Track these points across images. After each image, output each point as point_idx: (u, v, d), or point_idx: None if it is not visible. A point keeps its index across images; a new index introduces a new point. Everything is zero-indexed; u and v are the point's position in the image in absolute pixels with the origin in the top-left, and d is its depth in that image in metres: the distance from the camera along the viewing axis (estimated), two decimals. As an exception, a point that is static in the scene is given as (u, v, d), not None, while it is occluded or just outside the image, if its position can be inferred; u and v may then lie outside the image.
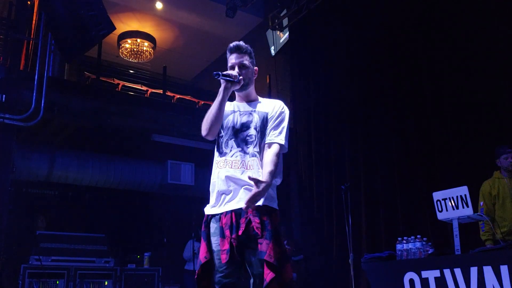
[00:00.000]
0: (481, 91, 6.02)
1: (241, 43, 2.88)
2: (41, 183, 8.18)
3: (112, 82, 10.15)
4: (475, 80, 6.12)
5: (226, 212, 2.56)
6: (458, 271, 3.87)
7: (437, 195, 4.44)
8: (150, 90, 10.25)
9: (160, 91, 10.01)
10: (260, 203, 2.51)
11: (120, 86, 10.02)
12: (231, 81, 2.69)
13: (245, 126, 2.72)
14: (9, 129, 6.61)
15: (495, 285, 3.59)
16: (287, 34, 9.72)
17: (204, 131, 2.73)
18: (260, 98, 2.91)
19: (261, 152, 2.66)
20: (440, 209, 4.39)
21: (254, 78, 2.90)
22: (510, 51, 5.79)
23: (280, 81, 10.08)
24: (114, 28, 6.76)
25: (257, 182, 2.43)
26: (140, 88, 10.42)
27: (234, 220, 2.52)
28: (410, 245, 4.46)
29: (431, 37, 6.80)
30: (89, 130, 7.81)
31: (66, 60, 8.28)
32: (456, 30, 6.44)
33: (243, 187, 2.57)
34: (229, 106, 2.85)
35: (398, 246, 4.58)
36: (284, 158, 9.67)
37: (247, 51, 2.87)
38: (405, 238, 4.56)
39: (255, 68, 2.91)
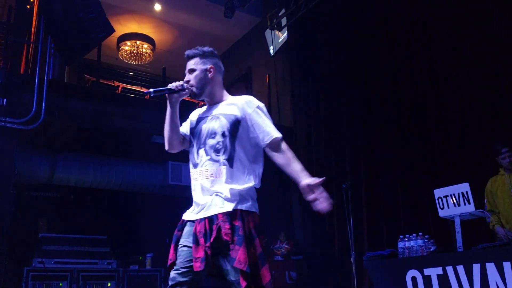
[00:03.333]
0: (482, 88, 6.03)
1: (190, 50, 2.79)
2: (42, 186, 8.19)
3: (112, 84, 10.16)
4: (476, 77, 6.13)
5: (200, 219, 2.53)
6: (460, 268, 3.88)
7: (438, 192, 4.45)
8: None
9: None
10: (230, 208, 2.48)
11: (120, 88, 10.04)
12: (173, 92, 2.64)
13: (213, 132, 2.62)
14: (10, 133, 6.61)
15: (498, 281, 3.60)
16: (285, 33, 9.71)
17: (165, 146, 2.74)
18: (227, 97, 2.78)
19: (234, 158, 2.57)
20: (441, 206, 4.40)
21: (211, 75, 2.72)
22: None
23: (279, 81, 10.08)
24: (113, 31, 6.78)
25: (307, 186, 2.52)
26: (140, 90, 10.42)
27: (207, 227, 2.48)
28: (412, 243, 4.47)
29: (432, 34, 6.81)
30: (90, 132, 7.82)
31: (66, 63, 8.30)
32: (458, 26, 6.44)
33: (214, 194, 2.53)
34: (199, 111, 2.80)
35: (400, 244, 4.59)
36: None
37: (195, 55, 2.75)
38: (407, 235, 4.57)
39: (209, 66, 2.72)
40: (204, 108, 2.81)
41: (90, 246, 7.10)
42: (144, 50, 11.65)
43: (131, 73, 12.05)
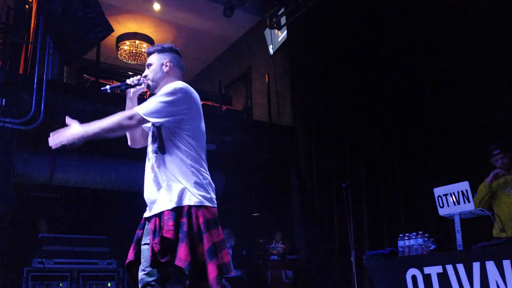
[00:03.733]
0: (483, 86, 6.01)
1: (150, 47, 2.85)
2: (42, 186, 8.19)
3: (112, 84, 10.13)
4: (476, 75, 6.11)
5: (152, 216, 2.52)
6: (460, 267, 3.88)
7: (438, 191, 4.44)
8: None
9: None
10: (175, 204, 2.43)
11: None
12: (129, 87, 2.67)
13: (151, 125, 2.62)
14: (10, 133, 6.61)
15: (498, 280, 3.59)
16: (285, 32, 9.72)
17: (128, 142, 2.79)
18: None
19: (164, 146, 2.54)
20: (441, 205, 4.39)
21: (167, 69, 2.73)
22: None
23: (279, 80, 10.08)
24: (112, 30, 6.78)
25: (69, 124, 2.48)
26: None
27: (157, 224, 2.46)
28: (412, 242, 4.46)
29: (432, 32, 6.79)
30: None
31: (65, 63, 8.30)
32: (459, 25, 6.42)
33: (160, 189, 2.50)
34: None
35: (400, 243, 4.58)
36: (284, 156, 9.66)
37: (154, 50, 2.78)
38: (406, 234, 4.56)
39: (166, 60, 2.74)
40: None
41: (90, 246, 7.11)
42: (143, 50, 11.64)
43: (130, 73, 12.02)
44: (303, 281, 8.53)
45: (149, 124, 2.71)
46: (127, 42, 11.64)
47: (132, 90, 2.70)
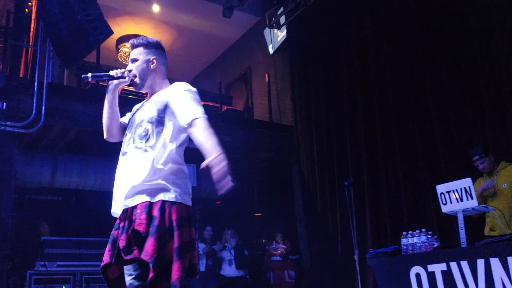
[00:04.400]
0: (485, 83, 6.00)
1: (135, 39, 2.72)
2: (44, 189, 8.19)
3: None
4: (477, 73, 6.10)
5: (123, 211, 2.44)
6: (464, 264, 3.87)
7: (440, 188, 4.43)
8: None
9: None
10: (150, 198, 2.36)
11: (120, 89, 10.01)
12: (111, 79, 2.58)
13: (141, 120, 2.54)
14: (11, 137, 6.62)
15: (502, 276, 3.58)
16: (284, 32, 9.71)
17: (104, 134, 2.66)
18: (167, 87, 2.68)
19: (157, 144, 2.45)
20: (444, 202, 4.38)
21: (154, 66, 2.66)
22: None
23: (279, 79, 10.08)
24: (112, 32, 6.77)
25: (210, 163, 2.25)
26: (140, 92, 10.41)
27: (127, 219, 2.39)
28: (416, 239, 4.45)
29: (432, 29, 6.77)
30: (90, 135, 7.81)
31: (65, 66, 8.29)
32: (460, 20, 6.41)
33: (136, 184, 2.40)
34: (139, 104, 2.74)
35: (403, 241, 4.57)
36: (286, 155, 9.63)
37: (139, 44, 2.69)
38: (410, 232, 4.55)
39: (152, 57, 2.66)
40: (145, 100, 2.76)
41: (92, 248, 7.09)
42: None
43: (130, 75, 12.03)
44: (306, 281, 8.52)
45: (124, 119, 2.71)
46: (127, 44, 11.63)
47: (114, 82, 2.59)
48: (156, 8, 10.81)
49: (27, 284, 6.37)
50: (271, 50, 10.26)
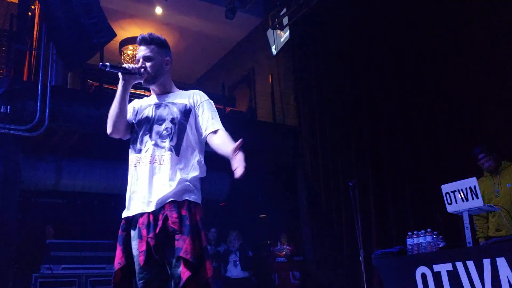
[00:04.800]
0: (489, 82, 5.98)
1: (147, 34, 2.72)
2: (49, 192, 8.20)
3: (116, 88, 10.12)
4: (483, 71, 6.08)
5: (142, 212, 2.43)
6: (470, 264, 3.84)
7: (446, 188, 4.41)
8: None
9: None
10: (177, 197, 2.39)
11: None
12: (128, 73, 2.56)
13: (160, 119, 2.56)
14: (15, 140, 6.62)
15: (509, 276, 3.56)
16: (287, 32, 9.70)
17: (108, 129, 2.61)
18: (176, 89, 2.74)
19: (181, 145, 2.50)
20: (449, 202, 4.36)
21: (168, 68, 2.69)
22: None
23: (282, 80, 10.07)
24: (115, 35, 6.78)
25: (234, 150, 2.35)
26: (143, 93, 10.41)
27: (151, 218, 2.39)
28: (421, 239, 4.43)
29: (436, 28, 6.75)
30: (94, 137, 7.82)
31: (69, 69, 8.31)
32: (463, 21, 6.39)
33: (159, 183, 2.42)
34: (144, 101, 2.75)
35: (409, 241, 4.55)
36: (290, 156, 9.60)
37: (153, 42, 2.68)
38: (415, 232, 4.53)
39: (167, 58, 2.69)
40: (150, 97, 2.76)
41: (97, 251, 7.09)
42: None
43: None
44: (311, 281, 8.51)
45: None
46: (130, 47, 11.66)
47: (129, 77, 2.58)
48: (158, 10, 10.82)
49: (33, 287, 6.36)
50: (274, 51, 10.25)
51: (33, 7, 8.11)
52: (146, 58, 2.63)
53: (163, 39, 2.74)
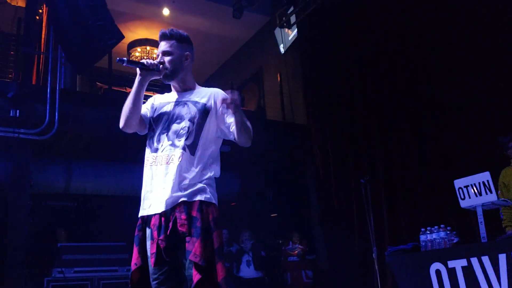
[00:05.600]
0: (499, 77, 5.90)
1: (168, 29, 2.66)
2: (59, 195, 8.23)
3: (125, 91, 10.16)
4: (494, 66, 6.00)
5: (155, 213, 2.40)
6: (486, 259, 3.78)
7: (459, 183, 4.35)
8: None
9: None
10: (188, 198, 2.36)
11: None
12: (146, 68, 2.51)
13: (179, 117, 2.52)
14: (25, 144, 6.66)
15: (525, 270, 3.50)
16: (295, 31, 9.66)
17: (120, 123, 2.56)
18: (196, 86, 2.69)
19: (198, 145, 2.46)
20: (462, 197, 4.30)
21: (187, 63, 2.65)
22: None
23: (291, 79, 10.03)
24: (123, 37, 6.77)
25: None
26: (152, 95, 10.43)
27: (163, 219, 2.35)
28: (434, 235, 4.37)
29: (446, 26, 6.68)
30: (104, 140, 7.84)
31: (77, 72, 8.33)
32: (476, 20, 6.31)
33: (172, 182, 2.38)
34: (164, 97, 2.70)
35: (422, 237, 4.49)
36: (300, 155, 9.55)
37: (173, 37, 2.63)
38: (428, 228, 4.47)
39: (187, 53, 2.65)
40: (171, 94, 2.71)
41: (109, 253, 7.09)
42: (154, 56, 11.66)
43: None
44: (324, 280, 8.45)
45: (142, 111, 2.65)
46: (138, 49, 11.68)
47: (146, 72, 2.53)
48: (166, 11, 10.83)
49: (45, 290, 6.39)
50: (282, 50, 10.21)
51: (40, 10, 8.14)
52: (165, 53, 2.59)
53: (185, 34, 2.70)
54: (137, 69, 2.53)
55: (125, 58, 2.48)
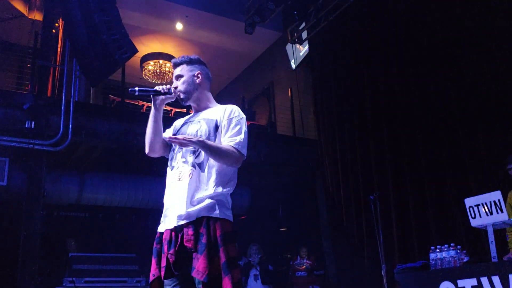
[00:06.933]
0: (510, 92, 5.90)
1: (178, 57, 2.81)
2: (71, 206, 8.31)
3: (137, 104, 10.29)
4: (504, 83, 6.00)
5: (168, 228, 2.49)
6: (496, 279, 3.77)
7: (469, 202, 4.34)
8: (174, 109, 10.36)
9: (184, 110, 10.12)
10: (196, 214, 2.41)
11: (144, 107, 10.16)
12: (157, 94, 2.61)
13: (191, 135, 2.58)
14: (39, 155, 6.75)
15: (535, 291, 3.49)
16: (306, 47, 9.73)
17: (146, 149, 2.72)
18: (213, 104, 2.78)
19: (207, 162, 2.52)
20: (473, 216, 4.29)
21: (199, 81, 2.74)
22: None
23: (301, 94, 10.08)
24: (137, 51, 6.89)
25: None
26: (164, 108, 10.53)
27: (173, 235, 2.44)
28: (444, 254, 4.36)
29: (457, 40, 6.69)
30: (116, 152, 7.92)
31: (91, 84, 8.45)
32: (485, 27, 6.33)
33: (183, 199, 2.46)
34: (184, 118, 2.80)
35: (432, 255, 4.48)
36: (310, 170, 9.55)
37: (182, 62, 2.76)
38: (438, 246, 4.46)
39: (197, 72, 2.74)
40: (191, 114, 2.81)
41: (119, 264, 7.14)
42: (167, 69, 11.79)
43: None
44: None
45: (166, 135, 2.74)
46: (151, 62, 11.81)
47: (160, 97, 2.64)
48: (179, 26, 10.97)
49: (56, 300, 6.44)
50: (293, 65, 10.29)
51: (57, 24, 8.28)
52: (177, 77, 2.73)
53: (193, 56, 2.80)
54: (151, 96, 2.63)
55: (136, 88, 2.58)
